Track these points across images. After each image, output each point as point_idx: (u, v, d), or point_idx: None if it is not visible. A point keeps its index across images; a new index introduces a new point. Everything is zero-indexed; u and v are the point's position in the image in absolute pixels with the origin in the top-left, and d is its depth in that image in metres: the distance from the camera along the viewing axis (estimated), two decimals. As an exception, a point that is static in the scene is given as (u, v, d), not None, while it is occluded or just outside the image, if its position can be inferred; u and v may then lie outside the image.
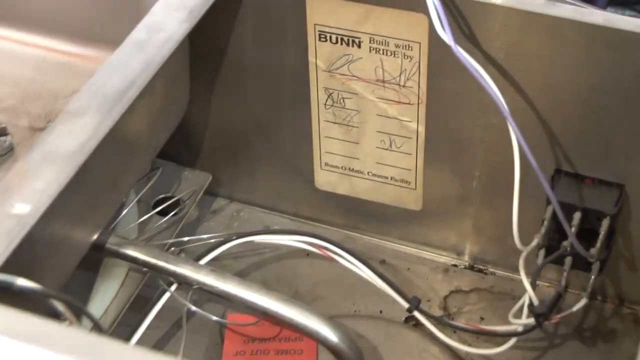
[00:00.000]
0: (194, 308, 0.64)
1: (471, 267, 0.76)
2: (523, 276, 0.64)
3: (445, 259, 0.77)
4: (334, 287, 0.74)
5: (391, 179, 0.74)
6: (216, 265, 0.69)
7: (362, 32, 0.66)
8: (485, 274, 0.76)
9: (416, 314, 0.66)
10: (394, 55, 0.67)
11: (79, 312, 0.53)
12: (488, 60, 0.63)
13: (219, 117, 0.76)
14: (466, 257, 0.76)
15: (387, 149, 0.72)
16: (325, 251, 0.65)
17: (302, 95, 0.72)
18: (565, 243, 0.64)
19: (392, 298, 0.68)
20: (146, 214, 0.73)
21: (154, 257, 0.62)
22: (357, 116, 0.71)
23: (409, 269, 0.76)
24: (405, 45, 0.66)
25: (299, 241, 0.65)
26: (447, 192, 0.73)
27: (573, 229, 0.64)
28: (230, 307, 0.71)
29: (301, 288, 0.75)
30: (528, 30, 0.61)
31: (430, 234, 0.77)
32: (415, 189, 0.74)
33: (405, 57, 0.66)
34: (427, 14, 0.60)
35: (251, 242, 0.68)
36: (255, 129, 0.76)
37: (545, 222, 0.66)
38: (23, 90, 0.73)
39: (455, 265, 0.77)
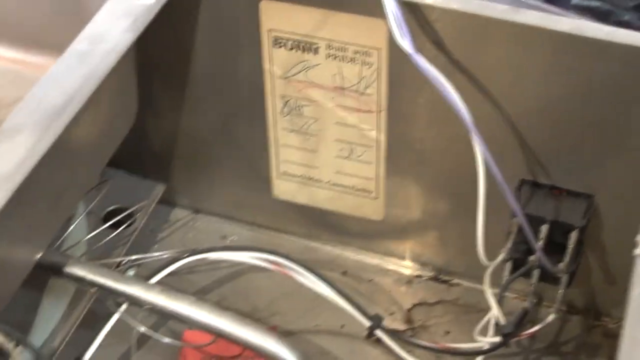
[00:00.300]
0: (143, 329, 0.61)
1: (436, 278, 0.74)
2: (488, 294, 0.61)
3: (408, 270, 0.74)
4: (294, 302, 0.71)
5: (351, 188, 0.71)
6: (171, 280, 0.65)
7: (319, 38, 0.63)
8: (451, 285, 0.73)
9: (378, 332, 0.63)
10: (353, 62, 0.64)
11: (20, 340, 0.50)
12: (450, 69, 0.60)
13: (174, 124, 0.73)
14: (430, 268, 0.74)
15: (346, 158, 0.69)
16: (281, 268, 0.62)
17: (257, 103, 0.69)
18: (532, 258, 0.62)
19: (354, 312, 0.65)
20: (96, 228, 0.70)
21: (101, 277, 0.59)
22: (315, 124, 0.68)
23: (371, 280, 0.74)
24: (364, 52, 0.63)
25: (254, 257, 0.62)
26: (410, 202, 0.70)
27: (540, 243, 0.62)
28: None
29: (259, 303, 0.72)
30: (490, 37, 0.58)
31: (393, 245, 0.74)
32: (377, 198, 0.71)
33: (365, 63, 0.63)
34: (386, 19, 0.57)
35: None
36: (211, 136, 0.73)
37: (512, 236, 0.63)
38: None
39: (419, 276, 0.74)
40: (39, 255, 0.57)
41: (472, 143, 0.57)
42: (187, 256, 0.63)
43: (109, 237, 0.70)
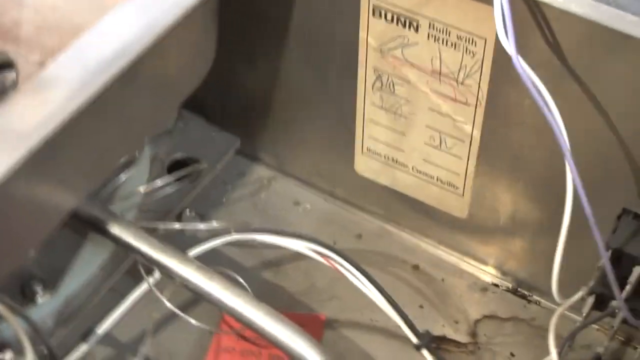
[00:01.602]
0: (169, 305, 0.56)
1: (514, 291, 0.67)
2: (551, 341, 0.55)
3: (487, 276, 0.68)
4: (354, 290, 0.66)
5: (437, 179, 0.64)
6: (214, 251, 0.60)
7: (421, 15, 0.56)
8: (529, 301, 0.66)
9: (424, 351, 0.57)
10: (455, 48, 0.57)
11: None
12: (559, 78, 0.52)
13: (265, 78, 0.67)
14: (511, 279, 0.67)
15: (436, 148, 0.63)
16: (333, 263, 0.56)
17: (349, 71, 0.62)
18: (614, 304, 0.55)
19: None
20: (159, 176, 0.65)
21: (137, 240, 0.55)
22: (407, 106, 0.62)
23: (443, 280, 0.67)
24: (469, 39, 0.56)
25: (307, 248, 0.56)
26: (498, 206, 0.63)
27: (628, 287, 0.54)
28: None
29: (319, 283, 0.67)
30: (615, 51, 0.50)
31: (474, 246, 0.67)
32: (463, 195, 0.64)
33: (468, 52, 0.56)
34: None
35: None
36: (297, 98, 0.67)
37: (597, 273, 0.56)
38: (42, 18, 0.65)
39: (496, 285, 0.67)
40: (72, 206, 0.53)
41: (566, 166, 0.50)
42: (232, 234, 0.57)
43: (171, 188, 0.66)
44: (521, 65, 0.49)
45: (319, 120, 0.68)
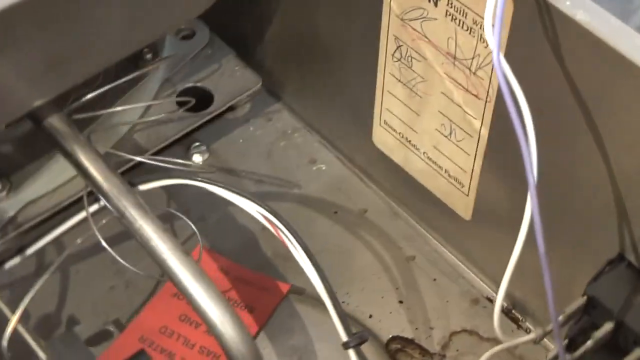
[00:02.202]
0: (104, 245, 0.53)
1: (507, 311, 0.61)
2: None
3: (482, 286, 0.61)
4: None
5: (445, 172, 0.59)
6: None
7: (441, -12, 0.50)
8: (519, 326, 0.60)
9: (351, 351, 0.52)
10: (470, 33, 0.50)
11: None
12: (558, 95, 0.46)
13: (292, 24, 0.63)
14: (508, 297, 0.61)
15: (446, 137, 0.57)
16: (277, 231, 0.52)
17: (372, 35, 0.57)
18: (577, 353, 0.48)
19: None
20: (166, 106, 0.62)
21: (88, 161, 0.51)
22: (422, 84, 0.56)
23: (435, 279, 0.62)
24: (484, 27, 0.49)
25: (258, 213, 0.52)
26: (502, 214, 0.57)
27: (589, 342, 0.48)
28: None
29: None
30: (621, 76, 0.43)
31: (476, 252, 0.61)
32: (468, 195, 0.58)
33: (482, 40, 0.50)
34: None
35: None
36: (323, 53, 0.63)
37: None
38: None
39: (489, 300, 0.61)
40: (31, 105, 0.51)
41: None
42: (199, 180, 0.53)
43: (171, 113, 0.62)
44: (500, 67, 0.42)
45: (346, 80, 0.63)
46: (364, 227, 0.64)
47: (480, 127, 0.54)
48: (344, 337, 0.51)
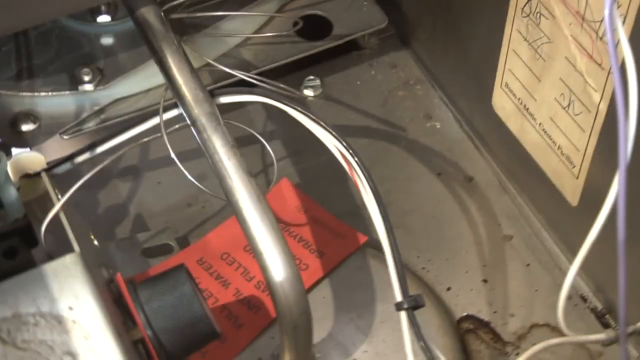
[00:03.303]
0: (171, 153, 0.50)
1: (600, 315, 0.55)
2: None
3: (580, 283, 0.55)
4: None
5: (558, 148, 0.53)
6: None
7: (579, -64, 0.45)
8: (611, 332, 0.54)
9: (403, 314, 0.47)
10: (602, -10, 0.44)
11: None
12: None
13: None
14: (603, 298, 0.55)
15: (564, 108, 0.51)
16: (352, 172, 0.47)
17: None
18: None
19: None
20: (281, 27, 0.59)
21: (172, 59, 0.48)
22: (547, 46, 0.50)
23: (528, 265, 0.56)
24: (616, -17, 0.43)
25: (332, 144, 0.48)
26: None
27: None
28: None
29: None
30: None
31: (579, 242, 0.55)
32: (577, 177, 0.52)
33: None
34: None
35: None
36: (458, 1, 0.58)
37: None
38: None
39: (583, 299, 0.55)
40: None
41: None
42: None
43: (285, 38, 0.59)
44: (612, 16, 0.37)
45: (476, 33, 0.58)
46: (465, 195, 0.59)
47: (600, 101, 0.48)
48: (398, 297, 0.46)
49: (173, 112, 0.50)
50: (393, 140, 0.61)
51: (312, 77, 0.63)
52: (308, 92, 0.63)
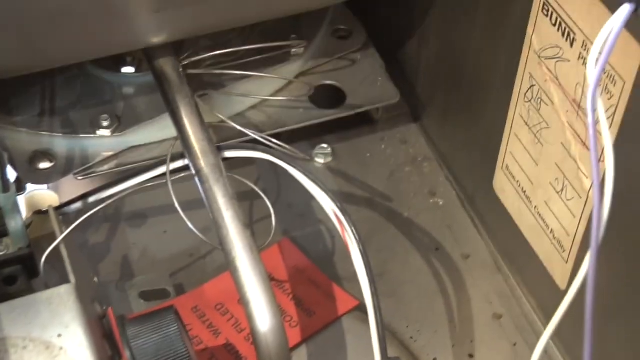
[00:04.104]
0: (175, 203, 0.52)
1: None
2: None
3: (562, 365, 0.56)
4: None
5: (551, 232, 0.54)
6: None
7: (579, 29, 0.47)
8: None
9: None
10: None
11: None
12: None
13: (445, 49, 0.61)
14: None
15: (558, 193, 0.53)
16: (345, 235, 0.49)
17: (512, 72, 0.54)
18: None
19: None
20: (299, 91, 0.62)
21: (184, 109, 0.51)
22: (546, 131, 0.52)
23: (515, 344, 0.57)
24: (611, 75, 0.45)
25: (329, 207, 0.49)
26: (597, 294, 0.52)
27: None
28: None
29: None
30: None
31: (567, 327, 0.56)
32: (567, 262, 0.54)
33: (606, 91, 0.46)
34: None
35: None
36: (468, 84, 0.60)
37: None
38: None
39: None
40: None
41: None
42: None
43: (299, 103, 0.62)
44: (592, 100, 0.39)
45: (483, 116, 0.60)
46: (460, 271, 0.61)
47: (590, 188, 0.49)
48: (377, 358, 0.48)
49: (180, 163, 0.53)
50: (395, 213, 0.63)
51: (324, 145, 0.65)
52: (319, 160, 0.65)
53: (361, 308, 0.57)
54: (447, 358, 0.56)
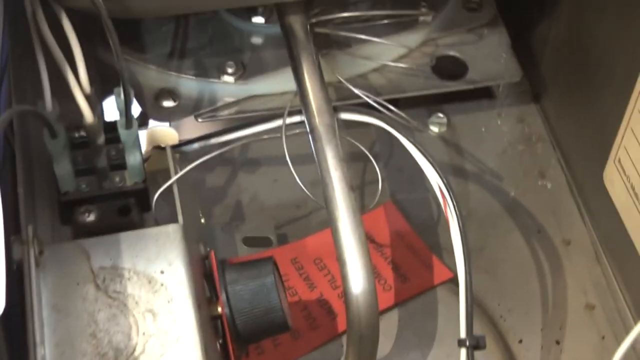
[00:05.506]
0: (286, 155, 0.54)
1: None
2: None
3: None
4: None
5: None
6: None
7: None
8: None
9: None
10: None
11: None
12: None
13: (573, 32, 0.61)
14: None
15: (667, 195, 0.52)
16: (446, 207, 0.50)
17: (637, 67, 0.54)
18: None
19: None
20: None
21: (306, 68, 0.52)
22: (663, 131, 0.52)
23: (604, 337, 0.57)
24: None
25: (434, 180, 0.50)
26: None
27: None
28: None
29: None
30: None
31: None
32: (666, 264, 0.53)
33: None
34: None
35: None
36: (593, 68, 0.60)
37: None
38: None
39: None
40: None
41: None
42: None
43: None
44: None
45: (603, 105, 0.59)
46: (559, 257, 0.61)
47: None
48: (462, 334, 0.49)
49: (296, 118, 0.54)
50: (502, 190, 0.63)
51: (440, 114, 0.66)
52: (433, 128, 0.65)
53: (455, 280, 0.57)
54: (533, 341, 0.57)
